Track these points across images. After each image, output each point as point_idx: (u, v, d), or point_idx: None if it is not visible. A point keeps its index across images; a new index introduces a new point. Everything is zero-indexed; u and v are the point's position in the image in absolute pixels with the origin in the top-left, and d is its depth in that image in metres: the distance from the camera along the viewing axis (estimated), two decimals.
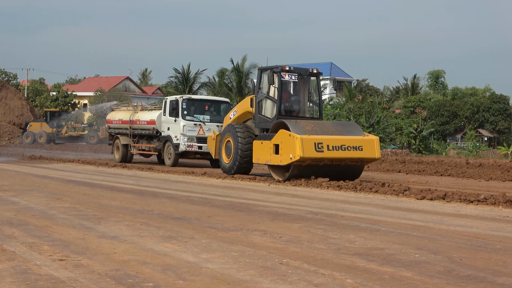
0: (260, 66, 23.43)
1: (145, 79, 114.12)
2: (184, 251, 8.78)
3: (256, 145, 22.11)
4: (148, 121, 31.33)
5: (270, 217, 12.36)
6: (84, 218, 11.77)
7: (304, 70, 22.82)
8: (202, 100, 31.14)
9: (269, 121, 22.30)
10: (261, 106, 22.82)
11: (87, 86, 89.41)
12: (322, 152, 20.16)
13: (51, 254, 8.42)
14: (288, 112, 22.47)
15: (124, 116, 33.39)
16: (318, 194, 17.39)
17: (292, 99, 22.70)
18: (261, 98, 22.82)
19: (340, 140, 20.58)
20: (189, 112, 29.68)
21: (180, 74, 68.17)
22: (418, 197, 16.35)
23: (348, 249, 9.09)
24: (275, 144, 20.95)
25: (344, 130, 21.46)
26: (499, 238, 10.38)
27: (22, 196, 15.52)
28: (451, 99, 78.15)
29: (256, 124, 23.06)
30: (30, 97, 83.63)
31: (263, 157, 21.65)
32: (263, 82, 22.87)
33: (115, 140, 33.91)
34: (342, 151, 20.46)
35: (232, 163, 23.32)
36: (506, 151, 47.92)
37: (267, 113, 22.59)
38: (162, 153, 30.61)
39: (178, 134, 29.42)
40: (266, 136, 21.72)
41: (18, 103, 70.32)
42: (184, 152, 29.44)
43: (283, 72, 22.16)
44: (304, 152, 19.87)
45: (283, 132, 20.64)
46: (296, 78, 22.47)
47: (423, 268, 7.94)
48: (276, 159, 20.95)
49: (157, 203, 14.50)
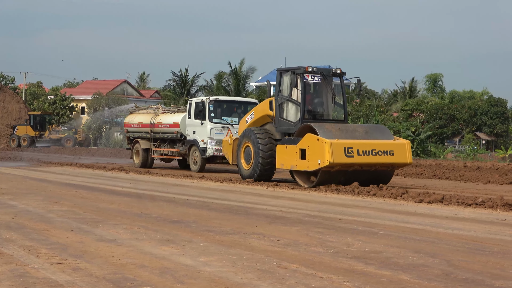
0: (280, 68, 22.17)
1: (143, 83, 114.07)
2: (182, 254, 8.78)
3: (280, 150, 21.07)
4: (171, 124, 29.76)
5: (268, 221, 12.36)
6: (82, 222, 11.76)
7: (327, 71, 21.74)
8: (230, 102, 29.47)
9: (293, 125, 21.22)
10: (282, 109, 21.70)
11: (85, 89, 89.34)
12: (352, 157, 19.28)
13: (49, 257, 8.42)
14: (311, 115, 21.33)
15: (144, 119, 31.73)
16: (316, 198, 17.39)
17: (315, 101, 21.66)
18: (282, 101, 21.70)
19: (370, 144, 19.71)
20: (216, 114, 28.04)
21: (178, 78, 68.16)
22: (416, 200, 16.36)
23: (346, 253, 9.09)
24: (301, 149, 19.95)
25: (373, 133, 20.55)
26: (496, 241, 10.38)
27: (20, 199, 15.51)
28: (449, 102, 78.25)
29: (277, 128, 21.89)
30: (28, 100, 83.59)
31: (288, 163, 20.65)
32: (283, 84, 21.80)
33: (134, 145, 32.16)
34: (372, 156, 19.60)
35: (252, 170, 22.14)
36: (504, 154, 47.94)
37: (290, 117, 21.47)
38: (187, 158, 28.87)
39: (205, 138, 27.75)
40: (291, 141, 20.73)
41: (16, 107, 70.34)
42: (212, 156, 27.86)
43: (305, 73, 21.12)
44: (334, 157, 18.94)
45: (311, 136, 19.67)
46: (319, 79, 21.46)
47: (421, 272, 7.95)
48: (302, 165, 19.96)
49: (155, 207, 14.50)
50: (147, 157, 31.40)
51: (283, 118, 21.63)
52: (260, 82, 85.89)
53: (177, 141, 29.79)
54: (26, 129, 62.73)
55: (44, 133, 62.92)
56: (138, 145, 31.72)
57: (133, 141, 32.39)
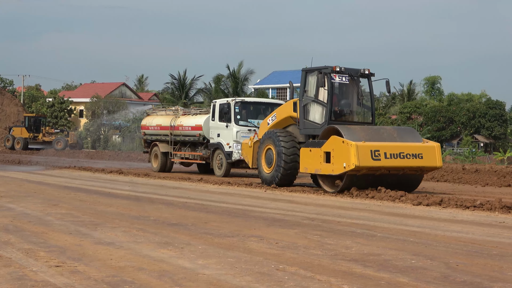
0: (305, 67, 21.23)
1: (141, 85, 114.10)
2: (181, 257, 8.78)
3: (304, 153, 20.21)
4: (193, 126, 28.50)
5: (266, 223, 12.36)
6: (80, 224, 11.76)
7: (354, 71, 20.74)
8: (256, 103, 28.18)
9: (318, 127, 20.37)
10: (307, 111, 20.83)
11: (83, 92, 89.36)
12: (379, 160, 18.46)
13: (47, 260, 8.41)
14: (338, 116, 20.46)
15: (163, 121, 30.49)
16: (314, 200, 17.40)
17: (342, 102, 20.74)
18: (307, 102, 20.82)
19: (398, 147, 18.89)
20: (242, 117, 26.81)
21: (176, 80, 68.19)
22: (415, 203, 16.36)
23: (345, 255, 9.09)
24: (326, 151, 19.15)
25: (401, 136, 19.65)
26: (495, 243, 10.39)
27: (18, 202, 15.50)
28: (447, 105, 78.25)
29: (301, 130, 21.06)
30: (26, 103, 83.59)
31: (312, 166, 19.77)
32: (309, 84, 20.96)
33: (152, 148, 30.96)
34: (400, 159, 18.76)
35: (274, 173, 21.29)
36: (502, 157, 47.99)
37: (315, 118, 20.60)
38: (211, 162, 27.55)
39: (231, 141, 26.45)
40: (315, 143, 19.88)
41: (14, 109, 70.36)
42: (237, 161, 26.38)
43: (333, 73, 20.29)
44: (360, 160, 18.13)
45: (336, 139, 18.90)
46: (347, 79, 20.60)
47: (419, 274, 7.95)
48: (327, 168, 19.12)
49: (153, 209, 14.49)
50: (166, 161, 30.34)
51: (307, 120, 20.84)
52: (258, 85, 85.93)
53: (199, 144, 28.72)
54: (21, 130, 62.76)
55: (38, 135, 62.90)
56: (156, 148, 30.59)
57: (151, 144, 31.24)
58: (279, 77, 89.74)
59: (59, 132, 65.10)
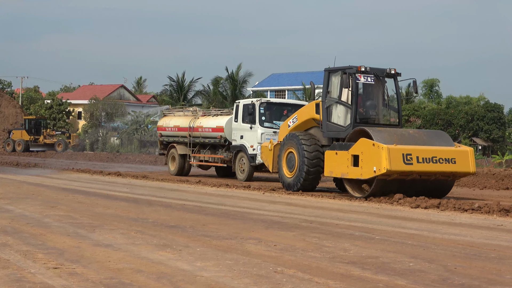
0: (328, 67, 20.37)
1: (140, 87, 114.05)
2: (179, 259, 8.78)
3: (329, 156, 19.38)
4: (214, 128, 27.35)
5: (264, 226, 12.36)
6: (78, 226, 11.76)
7: (380, 71, 19.95)
8: (281, 104, 27.01)
9: (343, 130, 19.60)
10: (330, 112, 20.06)
11: (81, 94, 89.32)
12: (411, 164, 17.70)
13: (46, 262, 8.41)
14: (363, 118, 19.72)
15: (181, 122, 29.36)
16: (312, 203, 17.40)
17: (367, 103, 19.98)
18: (330, 104, 20.05)
19: (431, 151, 18.11)
20: (267, 118, 25.70)
21: (175, 82, 68.20)
22: (413, 205, 16.38)
23: (343, 258, 9.09)
24: (354, 155, 18.36)
25: (432, 139, 18.89)
26: (493, 246, 10.40)
27: (17, 204, 15.49)
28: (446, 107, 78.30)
29: (324, 133, 20.27)
30: (25, 105, 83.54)
31: (338, 170, 18.98)
32: (332, 85, 20.15)
33: (169, 150, 29.79)
34: (433, 164, 17.99)
35: (296, 178, 20.51)
36: (500, 160, 48.02)
37: (339, 120, 19.81)
38: (233, 165, 26.43)
39: (255, 144, 25.25)
40: (342, 146, 19.07)
41: (12, 111, 70.29)
42: (261, 164, 24.93)
43: (357, 73, 19.52)
44: (391, 164, 17.37)
45: (365, 141, 18.12)
46: (372, 79, 19.79)
47: (417, 277, 7.95)
48: (355, 173, 18.34)
49: (151, 211, 14.49)
50: (184, 164, 29.20)
51: (331, 122, 20.04)
52: (257, 87, 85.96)
53: (219, 147, 27.62)
54: (21, 133, 62.75)
55: (39, 137, 62.90)
56: (174, 150, 29.48)
57: (167, 146, 30.16)
58: (277, 80, 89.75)
59: (60, 134, 65.08)
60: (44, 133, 63.35)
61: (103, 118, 76.43)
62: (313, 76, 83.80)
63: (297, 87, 75.90)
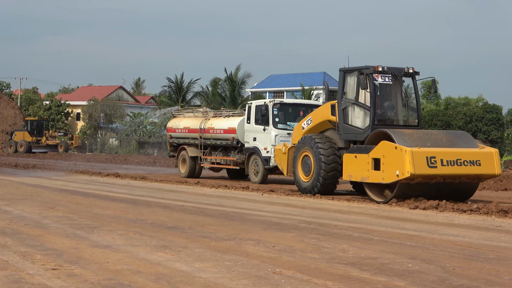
0: (343, 67, 19.73)
1: (138, 89, 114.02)
2: (177, 260, 8.78)
3: (348, 160, 18.67)
4: (226, 129, 26.62)
5: (263, 227, 12.36)
6: (77, 227, 11.75)
7: (398, 70, 19.28)
8: (296, 105, 26.34)
9: (360, 132, 18.93)
10: (346, 114, 19.37)
11: (80, 95, 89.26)
12: (435, 168, 17.02)
13: (44, 263, 8.41)
14: (381, 120, 19.01)
15: (192, 123, 28.65)
16: (311, 204, 17.39)
17: (385, 104, 19.26)
18: (346, 105, 19.34)
19: (455, 153, 17.42)
20: (280, 119, 24.94)
21: (174, 84, 68.16)
22: (411, 206, 16.37)
23: (342, 259, 9.09)
24: (374, 158, 17.65)
25: (455, 140, 18.14)
26: (492, 247, 10.40)
27: (15, 205, 15.49)
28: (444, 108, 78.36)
29: (341, 136, 19.57)
30: (23, 106, 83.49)
31: (358, 174, 18.26)
32: (348, 86, 19.44)
33: (180, 152, 29.04)
34: (457, 167, 17.29)
35: (313, 182, 19.76)
36: None
37: (357, 122, 19.15)
38: (246, 168, 25.70)
39: (268, 146, 24.52)
40: (361, 149, 18.35)
41: (11, 112, 70.26)
42: (276, 166, 23.87)
43: (375, 74, 18.84)
44: (415, 168, 16.71)
45: (387, 144, 17.44)
46: (390, 79, 19.10)
47: (416, 278, 7.95)
48: (376, 176, 17.62)
49: (150, 212, 14.49)
50: (195, 166, 28.43)
51: (348, 124, 19.33)
52: (255, 89, 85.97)
53: (231, 149, 26.90)
54: (23, 134, 62.73)
55: (41, 138, 62.89)
56: (184, 152, 28.73)
57: (177, 148, 29.43)
58: (276, 81, 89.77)
59: (62, 135, 65.04)
60: (47, 134, 63.32)
61: (101, 119, 76.39)
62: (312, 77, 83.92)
63: (295, 88, 75.92)
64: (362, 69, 18.91)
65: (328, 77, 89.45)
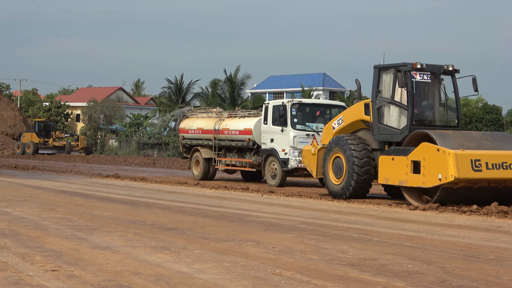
0: (377, 64, 18.85)
1: (138, 90, 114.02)
2: (177, 261, 8.78)
3: (384, 162, 17.62)
4: (242, 130, 25.79)
5: (263, 228, 12.36)
6: (76, 229, 11.75)
7: (437, 68, 18.35)
8: (314, 105, 25.59)
9: (397, 133, 18.02)
10: (382, 114, 18.45)
11: (80, 96, 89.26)
12: (480, 171, 16.08)
13: (44, 264, 8.41)
14: (419, 120, 18.12)
15: (205, 124, 27.85)
16: (311, 205, 17.39)
17: (423, 104, 18.35)
18: (381, 104, 18.42)
19: (500, 156, 16.44)
20: (299, 120, 24.14)
21: (173, 85, 68.16)
22: (411, 207, 16.37)
23: (341, 260, 9.09)
24: (414, 161, 16.69)
25: (499, 142, 17.22)
26: (491, 248, 10.40)
27: (15, 206, 15.48)
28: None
29: (375, 136, 18.62)
30: (23, 107, 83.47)
31: (395, 177, 17.23)
32: (383, 84, 18.53)
33: (193, 153, 28.18)
34: (503, 170, 16.33)
35: (345, 185, 18.75)
36: None
37: (393, 123, 18.22)
38: (263, 170, 24.85)
39: (287, 147, 23.69)
40: (399, 151, 17.33)
41: (11, 114, 70.23)
42: (294, 169, 23.74)
43: (413, 71, 17.96)
44: (459, 171, 15.80)
45: (428, 146, 16.48)
46: (428, 77, 18.21)
47: (416, 279, 7.95)
48: (415, 180, 16.67)
49: (149, 214, 14.49)
50: (209, 168, 27.56)
51: (383, 124, 18.41)
52: (255, 90, 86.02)
53: (247, 150, 26.02)
54: (31, 136, 62.66)
55: (48, 140, 62.81)
56: (198, 154, 27.88)
57: (190, 149, 28.64)
58: (276, 82, 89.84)
59: (69, 137, 64.97)
60: (53, 136, 63.26)
61: (101, 120, 76.39)
62: (311, 78, 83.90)
63: (295, 89, 75.93)
64: (399, 66, 18.07)
65: (328, 78, 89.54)
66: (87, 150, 62.65)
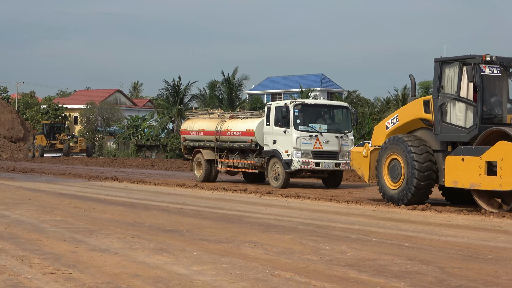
0: (439, 57, 17.33)
1: (136, 92, 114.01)
2: (176, 263, 8.77)
3: (453, 163, 16.26)
4: (244, 131, 25.60)
5: (261, 229, 12.35)
6: (75, 231, 11.74)
7: (508, 61, 16.79)
8: (317, 106, 25.50)
9: (464, 132, 16.50)
10: (445, 111, 16.95)
11: (77, 99, 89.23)
12: None
13: (42, 267, 8.40)
14: (487, 118, 16.53)
15: (207, 125, 27.62)
16: (309, 206, 17.39)
17: (492, 100, 16.75)
18: (445, 101, 16.90)
19: None
20: (302, 121, 23.91)
21: (171, 86, 68.13)
22: (409, 207, 16.38)
23: (340, 260, 9.09)
24: (488, 161, 15.42)
25: None
26: (490, 248, 10.40)
27: (13, 209, 15.47)
28: None
29: (438, 136, 17.03)
30: (21, 110, 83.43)
31: (466, 179, 15.84)
32: (446, 79, 17.00)
33: (195, 155, 27.93)
34: None
35: (403, 189, 17.17)
36: None
37: (459, 121, 16.68)
38: (266, 171, 24.67)
39: (290, 149, 23.48)
40: (471, 150, 15.98)
41: (8, 117, 70.17)
42: (297, 170, 23.57)
43: (482, 64, 16.41)
44: None
45: (507, 145, 15.16)
46: (498, 71, 16.64)
47: (414, 279, 7.95)
48: (491, 183, 15.31)
49: (148, 216, 14.48)
50: (211, 170, 27.28)
51: (446, 123, 16.88)
52: (253, 91, 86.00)
53: (249, 152, 25.75)
54: (41, 138, 62.52)
55: (55, 142, 62.64)
56: (200, 155, 27.61)
57: (192, 150, 28.40)
58: (273, 83, 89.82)
59: (71, 139, 64.83)
60: (58, 138, 63.14)
61: (99, 122, 76.38)
62: (309, 79, 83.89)
63: (293, 90, 75.89)
64: (466, 58, 16.54)
65: (326, 79, 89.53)
66: (87, 152, 62.54)
